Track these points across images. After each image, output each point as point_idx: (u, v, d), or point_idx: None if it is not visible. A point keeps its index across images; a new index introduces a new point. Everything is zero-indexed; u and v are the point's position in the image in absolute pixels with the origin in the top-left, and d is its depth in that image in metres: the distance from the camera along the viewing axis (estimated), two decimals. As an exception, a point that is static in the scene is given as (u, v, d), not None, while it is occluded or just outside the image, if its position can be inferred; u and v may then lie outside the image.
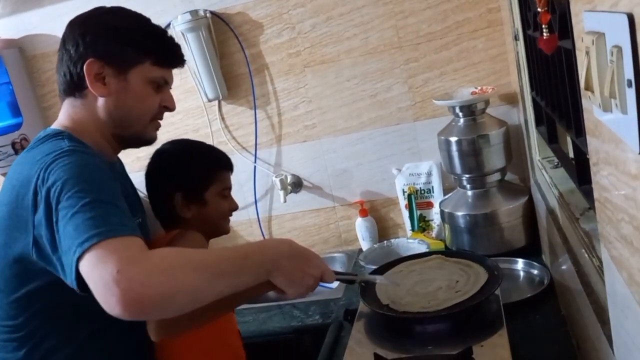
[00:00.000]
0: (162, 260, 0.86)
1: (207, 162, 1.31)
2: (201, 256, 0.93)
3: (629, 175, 0.57)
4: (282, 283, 1.00)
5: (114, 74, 1.07)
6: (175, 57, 1.16)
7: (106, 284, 0.80)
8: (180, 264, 0.87)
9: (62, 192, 0.90)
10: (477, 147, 1.73)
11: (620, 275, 0.68)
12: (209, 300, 0.89)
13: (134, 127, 1.13)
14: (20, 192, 0.97)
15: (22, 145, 2.11)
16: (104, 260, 0.82)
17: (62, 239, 0.88)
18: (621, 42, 0.50)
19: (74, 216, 0.87)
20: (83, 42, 1.06)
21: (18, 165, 1.03)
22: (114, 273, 0.80)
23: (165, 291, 0.83)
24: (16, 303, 1.02)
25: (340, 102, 2.03)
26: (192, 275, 0.86)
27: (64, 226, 0.87)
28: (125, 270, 0.81)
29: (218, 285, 0.89)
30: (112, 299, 0.80)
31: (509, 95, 1.90)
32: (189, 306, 0.87)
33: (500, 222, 1.73)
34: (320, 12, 1.96)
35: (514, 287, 1.55)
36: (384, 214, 2.11)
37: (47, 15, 2.14)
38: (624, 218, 0.61)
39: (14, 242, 0.98)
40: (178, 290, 0.84)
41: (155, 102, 1.14)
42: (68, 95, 1.11)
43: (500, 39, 1.87)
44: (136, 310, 0.81)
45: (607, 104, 0.57)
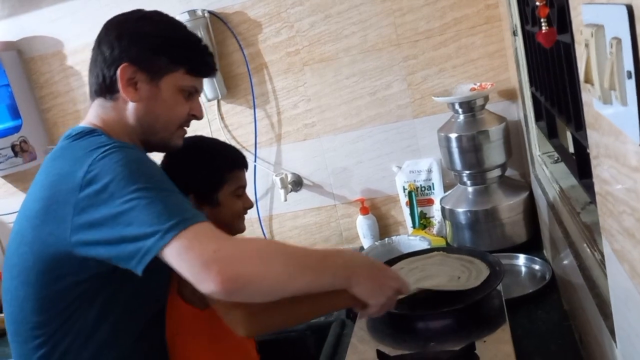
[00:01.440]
0: (255, 244, 0.94)
1: (219, 163, 1.27)
2: (288, 246, 0.99)
3: (629, 167, 0.56)
4: (363, 291, 0.99)
5: (146, 80, 1.08)
6: (208, 67, 1.17)
7: (205, 262, 0.85)
8: (272, 249, 0.94)
9: (123, 186, 0.91)
10: (477, 143, 1.73)
11: (622, 268, 0.68)
12: (292, 291, 0.92)
13: (160, 134, 1.13)
14: (60, 189, 0.96)
15: (21, 147, 2.12)
16: (199, 241, 0.87)
17: (134, 228, 0.89)
18: (620, 33, 0.50)
19: (148, 206, 0.89)
20: (119, 46, 1.07)
21: (55, 161, 1.02)
22: (212, 252, 0.86)
23: (259, 272, 0.88)
24: (45, 299, 1.02)
25: (340, 100, 2.03)
26: (282, 262, 0.91)
27: (136, 216, 0.89)
28: (223, 250, 0.87)
29: (302, 278, 0.92)
30: (211, 276, 0.84)
31: (508, 91, 1.90)
32: (276, 293, 0.91)
33: (501, 218, 1.73)
34: (318, 11, 1.96)
35: (515, 282, 1.55)
36: (385, 211, 2.11)
37: (45, 18, 2.14)
38: (626, 210, 0.61)
39: (49, 236, 0.97)
40: (269, 273, 0.89)
41: (185, 110, 1.14)
42: (99, 96, 1.11)
43: (499, 35, 1.87)
44: (231, 288, 0.85)
45: (606, 96, 0.57)
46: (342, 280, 0.97)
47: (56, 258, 0.98)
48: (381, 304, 1.02)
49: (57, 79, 2.19)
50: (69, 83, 2.18)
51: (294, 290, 0.93)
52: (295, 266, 0.92)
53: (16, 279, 1.04)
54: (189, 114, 1.15)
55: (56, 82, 2.20)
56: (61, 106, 2.21)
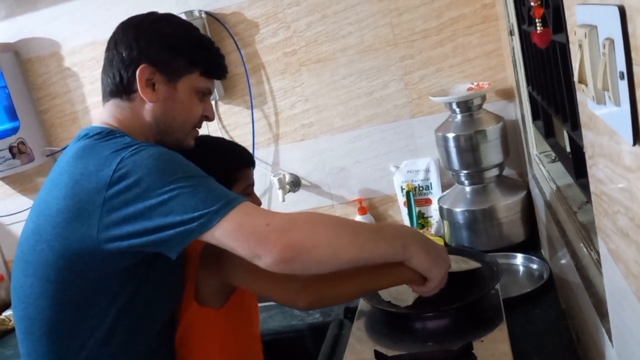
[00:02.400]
0: (303, 215, 0.96)
1: (228, 162, 1.26)
2: (336, 217, 1.02)
3: (623, 167, 0.57)
4: (423, 263, 1.00)
5: (164, 81, 1.09)
6: (222, 69, 1.19)
7: (260, 235, 0.89)
8: (321, 219, 0.96)
9: (160, 179, 0.93)
10: (474, 143, 1.74)
11: (617, 267, 0.68)
12: (347, 259, 0.93)
13: (175, 134, 1.14)
14: (85, 187, 0.96)
15: (19, 149, 2.11)
16: (250, 218, 0.91)
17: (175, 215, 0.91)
18: (613, 34, 0.50)
19: (191, 193, 0.92)
20: (137, 47, 1.07)
21: (79, 160, 1.02)
22: (265, 226, 0.90)
23: (312, 239, 0.91)
24: (62, 296, 1.01)
25: (337, 100, 2.03)
26: (333, 229, 0.94)
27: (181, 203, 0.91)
28: (274, 222, 0.91)
29: (356, 245, 0.94)
30: (268, 247, 0.88)
31: (505, 91, 1.90)
32: (331, 261, 0.93)
33: (499, 217, 1.73)
34: (315, 11, 1.96)
35: (513, 282, 1.56)
36: (383, 211, 2.11)
37: (42, 19, 2.14)
38: (620, 210, 0.62)
39: (72, 233, 0.97)
40: (322, 240, 0.92)
41: (199, 111, 1.15)
42: (114, 97, 1.11)
43: (496, 34, 1.87)
44: (288, 256, 0.89)
45: (600, 96, 0.57)
46: (399, 250, 0.98)
47: (79, 254, 0.98)
48: (440, 276, 1.02)
49: (54, 80, 2.19)
50: (67, 84, 2.18)
51: (349, 258, 0.94)
52: (348, 234, 0.95)
53: (32, 276, 1.03)
54: (202, 114, 1.17)
55: (54, 83, 2.20)
56: (59, 107, 2.21)
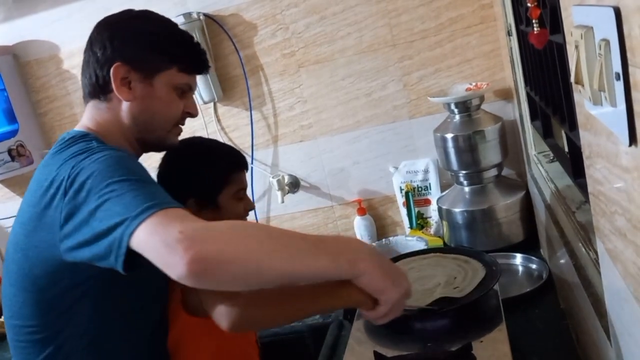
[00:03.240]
0: (228, 223, 0.84)
1: (219, 166, 1.24)
2: (272, 227, 0.92)
3: (620, 167, 0.57)
4: (373, 282, 0.85)
5: (140, 79, 1.08)
6: (201, 64, 1.17)
7: (169, 244, 0.77)
8: (247, 227, 0.84)
9: (100, 181, 0.89)
10: (473, 143, 1.74)
11: (615, 268, 0.68)
12: (273, 276, 0.80)
13: (156, 132, 1.13)
14: (48, 193, 0.96)
15: (18, 151, 2.12)
16: (163, 224, 0.80)
17: (105, 221, 0.84)
18: (608, 35, 0.51)
19: (119, 197, 0.85)
20: (111, 46, 1.06)
21: (46, 167, 1.02)
22: (176, 234, 0.77)
23: (227, 251, 0.78)
24: (43, 303, 1.01)
25: (336, 101, 2.03)
26: (258, 240, 0.80)
27: (108, 209, 0.85)
28: (187, 231, 0.78)
29: (287, 259, 0.80)
30: (176, 258, 0.76)
31: (503, 91, 1.90)
32: (252, 276, 0.79)
33: (498, 218, 1.73)
34: (313, 12, 1.96)
35: (512, 282, 1.56)
36: (382, 212, 2.11)
37: (40, 21, 2.14)
38: (617, 211, 0.62)
39: (41, 242, 0.97)
40: (242, 251, 0.78)
41: (179, 107, 1.14)
42: (93, 98, 1.11)
43: (494, 34, 1.87)
44: (199, 269, 0.76)
45: (596, 97, 0.57)
46: (345, 267, 0.83)
47: (50, 263, 0.98)
48: (394, 301, 0.87)
49: (53, 82, 2.19)
50: (66, 87, 2.18)
51: (277, 274, 0.80)
52: (277, 246, 0.80)
53: (14, 285, 1.04)
54: (184, 111, 1.15)
55: (52, 86, 2.20)
56: (58, 110, 2.21)
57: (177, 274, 0.77)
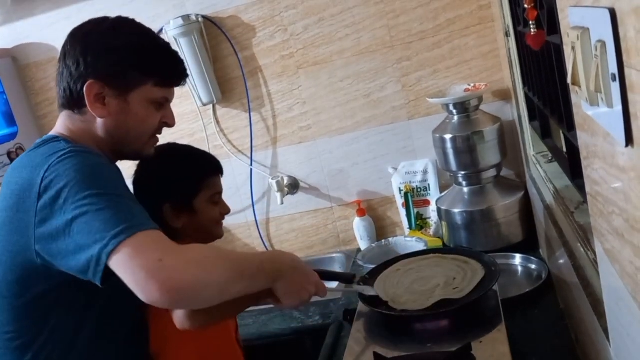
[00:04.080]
0: (198, 254, 0.92)
1: (193, 170, 1.25)
2: (230, 255, 1.00)
3: (617, 168, 0.57)
4: (282, 293, 1.04)
5: (114, 95, 1.05)
6: (177, 75, 1.14)
7: (148, 272, 0.84)
8: (213, 258, 0.94)
9: (76, 192, 0.90)
10: (472, 144, 1.74)
11: (613, 268, 0.69)
12: (231, 296, 0.94)
13: (132, 146, 1.12)
14: (21, 197, 0.95)
15: (17, 154, 2.11)
16: (143, 250, 0.86)
17: (84, 235, 0.88)
18: (604, 37, 0.51)
19: (97, 212, 0.88)
20: (84, 62, 1.03)
21: (15, 170, 1.02)
22: (156, 262, 0.84)
23: (201, 281, 0.88)
24: (19, 309, 1.01)
25: (335, 102, 2.03)
26: (222, 271, 0.92)
27: (87, 222, 0.88)
28: (166, 259, 0.85)
29: (241, 284, 0.95)
30: (154, 286, 0.83)
31: (502, 92, 1.90)
32: (216, 299, 0.93)
33: (497, 218, 1.73)
34: (312, 14, 1.96)
35: (512, 282, 1.56)
36: (382, 213, 2.11)
37: (39, 24, 2.14)
38: (615, 211, 0.62)
39: (14, 246, 0.97)
40: (211, 281, 0.90)
41: (156, 120, 1.12)
42: (66, 109, 1.09)
43: (492, 35, 1.87)
44: (174, 297, 0.86)
45: (593, 98, 0.58)
46: (271, 283, 1.02)
47: (24, 268, 0.98)
48: (293, 305, 1.09)
49: (52, 85, 2.19)
50: (65, 89, 2.18)
51: (232, 295, 0.95)
52: (235, 274, 0.94)
53: None
54: (161, 121, 1.14)
55: (52, 89, 2.20)
56: (57, 113, 2.20)
57: (150, 299, 0.85)
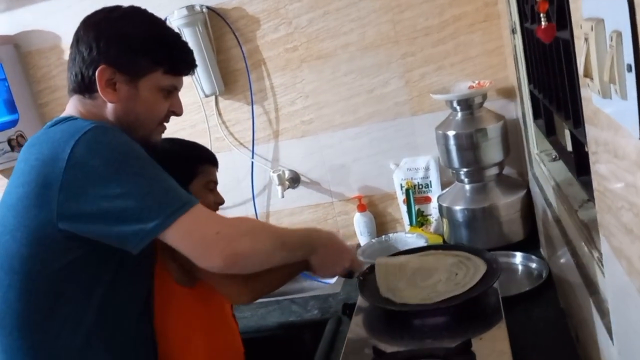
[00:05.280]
0: (247, 225, 1.10)
1: (189, 156, 1.31)
2: (272, 228, 1.22)
3: (629, 161, 0.56)
4: (316, 265, 1.19)
5: (125, 81, 1.08)
6: (187, 65, 1.17)
7: (209, 242, 0.99)
8: (262, 229, 1.13)
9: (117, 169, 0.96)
10: (475, 141, 1.73)
11: (620, 264, 0.68)
12: (274, 263, 1.10)
13: (140, 132, 1.13)
14: (42, 172, 0.97)
15: (18, 141, 2.11)
16: (201, 224, 1.00)
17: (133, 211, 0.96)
18: (621, 26, 0.50)
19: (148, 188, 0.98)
20: (97, 47, 1.06)
21: (33, 147, 1.03)
22: (214, 234, 1.00)
23: (253, 248, 1.03)
24: (29, 286, 1.01)
25: (338, 97, 2.02)
26: (268, 241, 1.08)
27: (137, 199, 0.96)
28: (222, 231, 1.01)
29: (282, 253, 1.10)
30: (215, 255, 0.99)
31: (506, 89, 1.89)
32: (264, 264, 1.09)
33: (499, 216, 1.73)
34: (316, 7, 1.95)
35: (512, 280, 1.55)
36: (382, 209, 2.10)
37: (41, 12, 2.13)
38: (624, 206, 0.61)
39: (32, 221, 0.98)
40: (260, 249, 1.05)
41: (164, 108, 1.15)
42: (77, 93, 1.11)
43: (497, 32, 1.86)
44: (231, 263, 1.00)
45: (606, 90, 0.57)
46: (308, 254, 1.17)
47: (41, 242, 0.99)
48: (326, 276, 1.27)
49: (54, 73, 2.19)
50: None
51: (276, 262, 1.10)
52: (278, 244, 1.09)
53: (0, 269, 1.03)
54: (169, 110, 1.16)
55: (54, 77, 2.19)
56: (58, 101, 2.20)
57: (213, 266, 1.01)
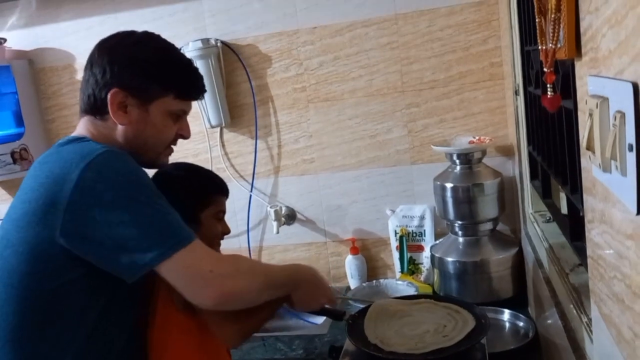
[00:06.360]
0: (240, 263, 1.12)
1: (205, 185, 1.33)
2: (262, 266, 1.26)
3: (624, 234, 0.59)
4: (297, 300, 1.20)
5: (136, 105, 1.11)
6: (197, 90, 1.20)
7: (201, 280, 1.01)
8: (252, 269, 1.13)
9: (124, 196, 0.98)
10: (471, 195, 1.76)
11: (609, 332, 0.70)
12: (263, 300, 1.11)
13: (148, 154, 1.16)
14: (50, 190, 0.98)
15: (21, 155, 2.12)
16: (196, 260, 1.02)
17: (132, 239, 0.97)
18: (624, 108, 0.53)
19: (150, 219, 0.99)
20: (110, 71, 1.09)
21: (44, 165, 1.05)
22: (208, 272, 1.01)
23: (244, 287, 1.06)
24: (25, 302, 1.02)
25: (341, 139, 2.06)
26: (259, 279, 1.10)
27: (138, 229, 0.98)
28: (216, 269, 1.02)
29: (271, 290, 1.13)
30: (206, 292, 1.01)
31: (505, 148, 1.94)
32: (252, 303, 1.10)
33: (489, 271, 1.74)
34: (328, 52, 2.01)
35: (499, 337, 1.56)
36: (375, 253, 2.12)
37: (60, 31, 2.18)
38: (617, 276, 0.63)
39: (35, 238, 0.99)
40: (251, 288, 1.07)
41: (173, 131, 1.18)
42: (89, 114, 1.14)
43: (501, 92, 1.92)
44: (223, 301, 1.02)
45: (607, 164, 0.60)
46: (290, 291, 1.18)
47: (41, 259, 0.99)
48: (303, 310, 1.26)
49: (65, 91, 2.22)
50: (77, 96, 2.16)
51: (263, 300, 1.11)
52: (268, 283, 1.12)
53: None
54: (177, 133, 1.19)
55: (64, 95, 2.22)
56: (65, 118, 2.23)
57: (202, 303, 1.03)
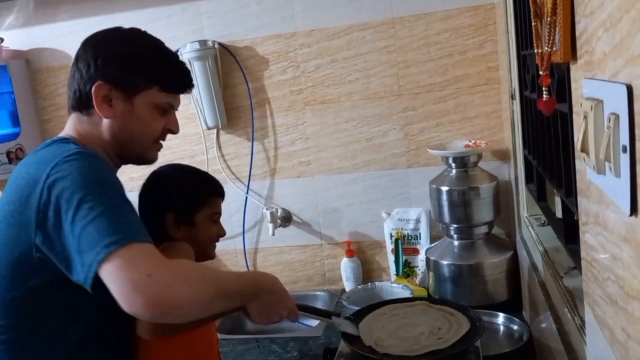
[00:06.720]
0: (186, 270, 0.94)
1: (200, 186, 1.33)
2: (214, 274, 1.05)
3: (618, 236, 0.59)
4: (253, 312, 1.09)
5: (121, 98, 1.10)
6: (183, 83, 1.20)
7: (135, 285, 0.85)
8: (200, 277, 0.95)
9: (78, 194, 0.92)
10: (467, 199, 1.77)
11: (602, 334, 0.70)
12: (210, 313, 0.98)
13: (136, 149, 1.16)
14: (25, 192, 0.98)
15: (17, 155, 2.12)
16: (133, 262, 0.87)
17: (80, 239, 0.90)
18: (619, 110, 0.54)
19: (95, 219, 0.90)
20: (94, 64, 1.09)
21: (23, 167, 1.05)
22: (145, 276, 0.85)
23: (186, 299, 0.90)
24: (9, 303, 1.02)
25: (337, 142, 2.07)
26: (207, 290, 0.95)
27: (84, 227, 0.90)
28: (155, 275, 0.86)
29: (221, 303, 1.00)
30: (139, 300, 0.85)
31: (501, 151, 1.95)
32: (197, 316, 0.95)
33: (484, 275, 1.75)
34: (325, 54, 2.02)
35: (493, 340, 1.56)
36: (370, 256, 2.12)
37: (57, 31, 2.18)
38: (610, 277, 0.64)
39: (13, 240, 0.99)
40: (196, 300, 0.92)
41: (159, 125, 1.17)
42: (75, 111, 1.14)
43: (497, 96, 1.93)
44: (158, 313, 0.86)
45: (601, 166, 0.60)
46: (246, 302, 1.08)
47: (20, 261, 0.99)
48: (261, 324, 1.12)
49: (61, 92, 2.22)
50: (72, 97, 2.20)
51: (214, 312, 1.00)
52: (218, 294, 0.98)
53: None
54: (165, 128, 1.18)
55: (60, 95, 2.22)
56: (62, 119, 2.23)
57: (134, 312, 0.87)
